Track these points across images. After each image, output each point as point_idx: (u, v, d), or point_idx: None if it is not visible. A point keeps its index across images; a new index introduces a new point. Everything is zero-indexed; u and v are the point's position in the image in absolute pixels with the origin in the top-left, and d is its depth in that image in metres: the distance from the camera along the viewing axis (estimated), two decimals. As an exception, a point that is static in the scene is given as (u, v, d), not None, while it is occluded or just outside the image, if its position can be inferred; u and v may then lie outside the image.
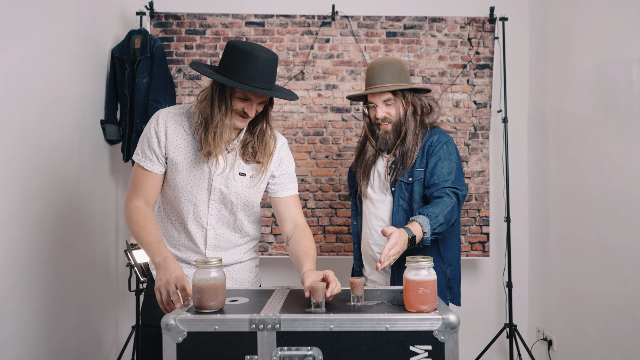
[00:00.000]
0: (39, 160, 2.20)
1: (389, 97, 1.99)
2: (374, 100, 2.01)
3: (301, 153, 2.98)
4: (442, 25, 2.98)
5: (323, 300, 1.33)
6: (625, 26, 2.28)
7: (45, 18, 2.25)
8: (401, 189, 1.99)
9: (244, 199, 1.74)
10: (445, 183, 1.90)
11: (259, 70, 1.57)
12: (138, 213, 1.64)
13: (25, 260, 2.09)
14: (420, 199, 1.97)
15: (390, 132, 2.01)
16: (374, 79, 2.02)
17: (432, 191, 1.91)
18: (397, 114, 2.00)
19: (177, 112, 1.72)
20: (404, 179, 1.98)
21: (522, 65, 3.18)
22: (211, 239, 1.73)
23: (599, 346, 2.46)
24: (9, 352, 1.97)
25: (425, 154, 1.98)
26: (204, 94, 1.68)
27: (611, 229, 2.36)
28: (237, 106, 1.62)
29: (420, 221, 1.76)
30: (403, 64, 2.05)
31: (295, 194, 1.84)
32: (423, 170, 1.97)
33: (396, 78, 2.00)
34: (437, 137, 1.99)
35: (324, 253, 2.96)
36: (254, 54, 1.57)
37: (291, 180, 1.83)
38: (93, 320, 2.69)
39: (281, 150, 1.81)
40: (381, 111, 1.99)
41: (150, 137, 1.68)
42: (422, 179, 1.96)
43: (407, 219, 1.97)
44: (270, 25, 2.97)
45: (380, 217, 2.05)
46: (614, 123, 2.35)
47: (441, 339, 1.22)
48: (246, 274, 1.84)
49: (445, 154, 1.95)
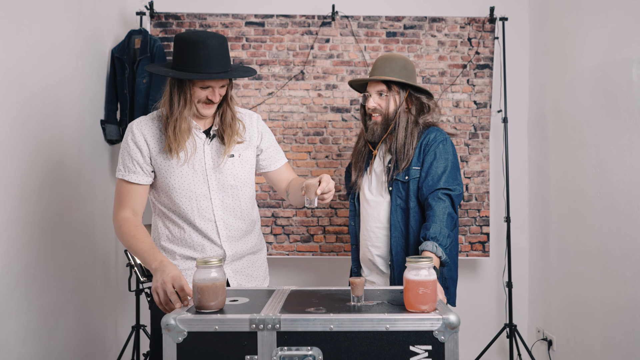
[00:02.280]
0: (39, 160, 2.20)
1: (382, 89, 2.00)
2: (369, 90, 2.04)
3: (301, 153, 2.98)
4: (442, 25, 2.98)
5: (315, 199, 1.56)
6: (625, 26, 2.28)
7: (45, 18, 2.25)
8: (398, 187, 1.99)
9: (241, 178, 1.78)
10: (437, 184, 1.90)
11: (212, 56, 1.60)
12: (128, 223, 1.65)
13: (25, 260, 2.09)
14: (416, 198, 1.97)
15: (378, 123, 2.02)
16: (375, 70, 2.05)
17: (425, 196, 1.92)
18: (387, 107, 2.00)
19: (149, 119, 1.75)
20: (401, 178, 1.99)
21: (522, 65, 3.18)
22: (222, 229, 1.75)
23: (599, 346, 2.46)
24: (9, 352, 1.97)
25: (421, 152, 1.99)
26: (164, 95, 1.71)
27: (611, 229, 2.36)
28: (200, 95, 1.66)
29: (429, 249, 1.76)
30: (408, 62, 2.05)
31: (286, 161, 1.94)
32: (419, 169, 1.97)
33: (396, 73, 2.00)
34: (433, 136, 1.99)
35: (324, 253, 2.96)
36: (202, 42, 1.60)
37: (278, 150, 1.92)
38: (93, 320, 2.69)
39: (258, 125, 1.87)
40: (372, 101, 2.01)
41: (130, 150, 1.70)
42: (418, 178, 1.97)
43: (405, 218, 1.98)
44: (270, 25, 2.97)
45: (378, 218, 2.04)
46: (614, 123, 2.35)
47: (441, 339, 1.22)
48: (258, 268, 1.87)
49: (440, 152, 1.96)
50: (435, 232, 1.79)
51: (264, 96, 2.96)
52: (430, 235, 1.78)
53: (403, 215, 1.98)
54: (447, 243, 1.80)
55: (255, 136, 1.84)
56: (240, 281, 1.80)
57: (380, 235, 2.04)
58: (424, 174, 1.95)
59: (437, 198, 1.87)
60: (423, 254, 1.75)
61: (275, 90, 2.96)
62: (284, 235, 2.96)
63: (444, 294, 1.62)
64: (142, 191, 1.72)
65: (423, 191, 1.93)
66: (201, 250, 1.74)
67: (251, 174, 1.84)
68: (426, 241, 1.78)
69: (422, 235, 1.82)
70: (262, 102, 2.95)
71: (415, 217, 1.97)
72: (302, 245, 2.96)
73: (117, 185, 1.73)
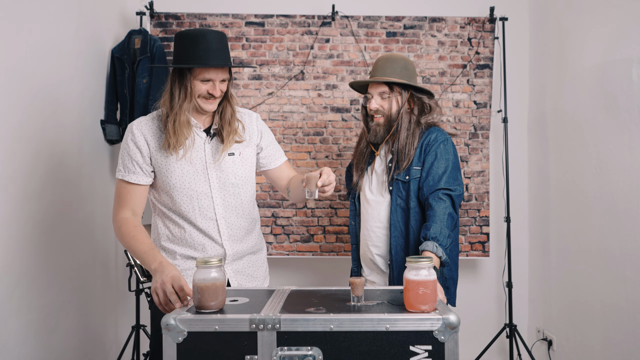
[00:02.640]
0: (39, 160, 2.20)
1: (384, 90, 2.00)
2: (371, 91, 2.03)
3: (301, 153, 2.98)
4: (442, 25, 2.98)
5: (315, 190, 1.56)
6: (625, 26, 2.28)
7: (45, 18, 2.25)
8: (398, 187, 1.99)
9: (242, 176, 1.79)
10: (438, 184, 1.90)
11: (212, 49, 1.62)
12: (127, 224, 1.65)
13: (25, 260, 2.09)
14: (416, 198, 1.97)
15: (381, 125, 2.02)
16: (376, 71, 2.04)
17: (426, 196, 1.92)
18: (390, 109, 2.00)
19: (149, 119, 1.75)
20: (401, 178, 1.99)
21: (522, 65, 3.18)
22: (223, 228, 1.75)
23: (599, 346, 2.46)
24: (9, 352, 1.97)
25: (422, 152, 1.99)
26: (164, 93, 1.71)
27: (611, 229, 2.36)
28: (201, 89, 1.66)
29: (430, 249, 1.76)
30: (409, 62, 2.05)
31: (286, 159, 1.94)
32: (420, 169, 1.97)
33: (397, 74, 2.00)
34: (434, 136, 2.00)
35: (324, 253, 2.97)
36: (202, 35, 1.61)
37: (277, 149, 1.92)
38: (93, 320, 2.69)
39: (258, 123, 1.87)
40: (375, 103, 2.01)
41: (130, 150, 1.70)
42: (419, 178, 1.97)
43: (405, 217, 1.98)
44: (270, 25, 2.97)
45: (378, 218, 2.05)
46: (614, 123, 2.35)
47: (441, 339, 1.22)
48: (258, 268, 1.87)
49: (441, 152, 1.96)
50: (436, 232, 1.79)
51: (264, 96, 2.96)
52: (431, 235, 1.79)
53: (403, 215, 1.99)
54: (448, 243, 1.80)
55: (255, 135, 1.85)
56: (241, 281, 1.80)
57: (380, 234, 2.04)
58: (424, 174, 1.95)
59: (437, 198, 1.88)
60: (423, 254, 1.75)
61: (275, 90, 2.96)
62: (284, 235, 2.96)
63: (444, 294, 1.63)
64: (142, 192, 1.72)
65: (424, 191, 1.93)
66: (202, 250, 1.74)
67: (252, 172, 1.85)
68: (426, 241, 1.78)
69: (422, 235, 1.82)
70: (262, 102, 2.95)
71: (416, 217, 1.97)
72: (302, 245, 2.96)
73: (117, 185, 1.73)
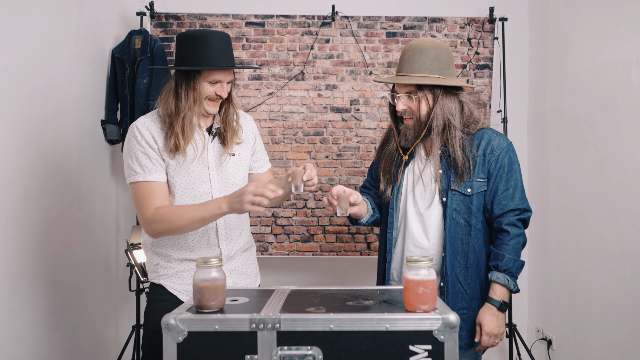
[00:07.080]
0: (40, 160, 2.20)
1: (411, 90, 1.73)
2: (398, 90, 1.77)
3: (301, 153, 2.98)
4: (442, 26, 2.98)
5: (301, 184, 1.58)
6: (625, 26, 2.29)
7: (45, 18, 2.25)
8: (457, 201, 1.75)
9: (242, 176, 1.80)
10: (510, 204, 1.73)
11: (219, 50, 1.61)
12: (164, 210, 1.62)
13: (25, 260, 2.10)
14: (480, 214, 1.76)
15: (410, 128, 1.77)
16: (403, 65, 1.76)
17: (496, 215, 1.74)
18: (419, 110, 1.74)
19: (152, 119, 1.72)
20: (462, 190, 1.74)
21: (521, 65, 3.19)
22: (222, 228, 1.74)
23: (598, 346, 2.46)
24: (9, 352, 1.97)
25: (486, 162, 1.74)
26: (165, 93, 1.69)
27: (611, 229, 2.36)
28: (208, 91, 1.65)
29: (502, 282, 1.69)
30: (441, 51, 1.74)
31: (270, 166, 1.98)
32: (485, 181, 1.75)
33: (426, 67, 1.71)
34: (497, 142, 1.76)
35: (324, 253, 2.97)
36: (208, 36, 1.61)
37: (265, 155, 1.96)
38: (93, 320, 2.70)
39: (252, 126, 1.89)
40: (401, 104, 1.75)
41: (145, 150, 1.65)
42: (484, 192, 1.75)
43: (467, 236, 1.75)
44: (270, 25, 2.97)
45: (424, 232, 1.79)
46: (613, 123, 2.35)
47: (441, 338, 1.22)
48: (250, 266, 1.87)
49: (509, 164, 1.74)
50: (509, 264, 1.69)
51: (264, 96, 2.96)
52: (503, 267, 1.69)
53: (463, 234, 1.76)
54: (519, 272, 1.71)
55: (251, 137, 1.86)
56: (235, 279, 1.79)
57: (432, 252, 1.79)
58: (492, 188, 1.74)
59: (512, 224, 1.72)
60: (492, 286, 1.70)
61: (275, 91, 2.96)
62: (284, 235, 2.96)
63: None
64: (165, 188, 1.69)
65: (494, 210, 1.74)
66: (197, 251, 1.73)
67: (247, 172, 1.87)
68: (497, 272, 1.70)
69: (492, 263, 1.71)
70: (262, 102, 2.96)
71: (478, 234, 1.76)
72: (302, 245, 2.96)
73: (136, 190, 1.65)
